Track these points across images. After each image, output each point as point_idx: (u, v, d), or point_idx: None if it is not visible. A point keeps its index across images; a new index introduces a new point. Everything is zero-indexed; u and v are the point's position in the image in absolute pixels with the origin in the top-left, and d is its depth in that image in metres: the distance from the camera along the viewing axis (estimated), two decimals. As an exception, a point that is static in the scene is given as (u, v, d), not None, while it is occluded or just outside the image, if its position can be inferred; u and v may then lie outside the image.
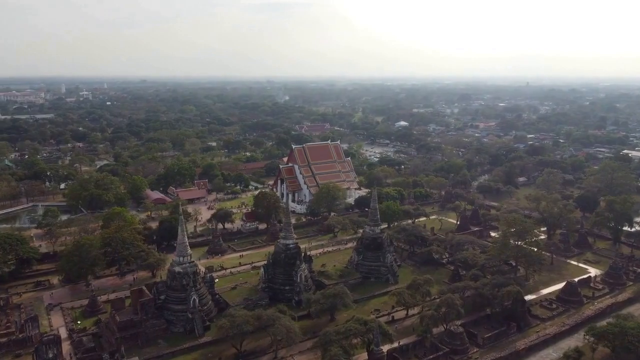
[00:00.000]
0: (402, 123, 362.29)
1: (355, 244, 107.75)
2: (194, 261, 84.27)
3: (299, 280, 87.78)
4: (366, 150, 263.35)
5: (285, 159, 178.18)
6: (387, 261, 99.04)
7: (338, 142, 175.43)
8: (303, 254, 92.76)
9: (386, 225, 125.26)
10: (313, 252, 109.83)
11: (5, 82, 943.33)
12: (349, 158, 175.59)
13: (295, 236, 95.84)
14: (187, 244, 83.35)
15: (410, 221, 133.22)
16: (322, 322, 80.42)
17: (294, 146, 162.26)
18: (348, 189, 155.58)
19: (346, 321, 74.48)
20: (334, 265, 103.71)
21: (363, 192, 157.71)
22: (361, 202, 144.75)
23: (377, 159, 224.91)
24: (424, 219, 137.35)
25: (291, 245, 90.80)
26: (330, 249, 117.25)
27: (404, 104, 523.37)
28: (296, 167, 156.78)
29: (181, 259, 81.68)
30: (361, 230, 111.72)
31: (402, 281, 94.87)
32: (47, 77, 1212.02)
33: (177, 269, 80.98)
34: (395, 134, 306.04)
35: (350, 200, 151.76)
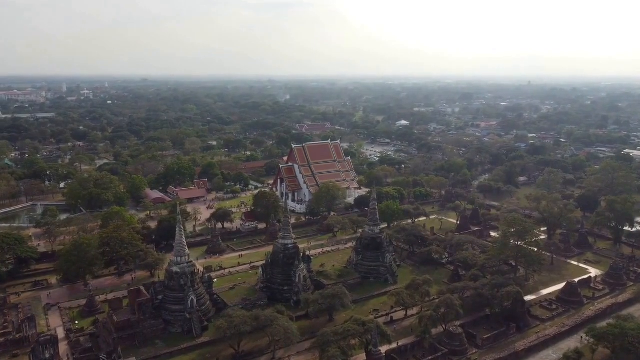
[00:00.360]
0: (403, 122, 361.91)
1: (354, 243, 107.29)
2: (191, 261, 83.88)
3: (297, 280, 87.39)
4: (367, 150, 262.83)
5: (285, 159, 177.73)
6: (386, 261, 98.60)
7: (338, 141, 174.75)
8: (302, 254, 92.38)
9: (386, 225, 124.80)
10: (312, 252, 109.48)
11: (6, 80, 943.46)
12: (349, 157, 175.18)
13: (294, 236, 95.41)
14: (185, 244, 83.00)
15: (410, 221, 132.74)
16: (320, 323, 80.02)
17: (293, 145, 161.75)
18: (348, 188, 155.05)
19: (344, 322, 74.12)
20: (333, 265, 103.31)
21: (363, 191, 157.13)
22: (361, 202, 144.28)
23: (378, 159, 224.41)
24: (424, 218, 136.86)
25: (290, 245, 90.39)
26: (329, 248, 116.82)
27: (405, 103, 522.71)
28: (296, 166, 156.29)
29: (179, 259, 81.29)
30: (361, 230, 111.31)
31: (402, 281, 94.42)
32: (48, 76, 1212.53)
33: (175, 269, 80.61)
34: (395, 133, 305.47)
35: (350, 199, 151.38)
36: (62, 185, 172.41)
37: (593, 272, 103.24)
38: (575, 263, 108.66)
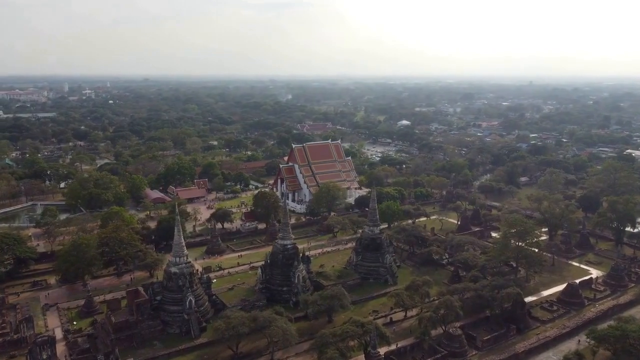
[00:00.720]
0: (404, 122, 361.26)
1: (354, 244, 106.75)
2: (190, 262, 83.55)
3: (296, 281, 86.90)
4: (368, 150, 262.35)
5: (285, 158, 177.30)
6: (386, 262, 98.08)
7: (339, 141, 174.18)
8: (301, 255, 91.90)
9: (386, 226, 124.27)
10: (312, 253, 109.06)
11: (9, 80, 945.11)
12: (350, 157, 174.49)
13: (293, 236, 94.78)
14: (184, 244, 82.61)
15: (410, 221, 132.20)
16: (319, 324, 79.46)
17: (294, 145, 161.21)
18: (348, 188, 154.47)
19: (343, 323, 73.71)
20: (333, 266, 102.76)
21: (364, 191, 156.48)
22: (361, 202, 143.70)
23: (379, 159, 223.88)
24: (424, 219, 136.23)
25: (289, 246, 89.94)
26: (329, 249, 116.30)
27: (407, 103, 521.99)
28: (296, 166, 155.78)
29: (177, 259, 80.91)
30: (361, 231, 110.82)
31: (402, 282, 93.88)
32: (50, 76, 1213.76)
33: (173, 269, 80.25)
34: (397, 133, 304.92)
35: (351, 200, 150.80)
36: (62, 185, 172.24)
37: (594, 273, 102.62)
38: (577, 264, 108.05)
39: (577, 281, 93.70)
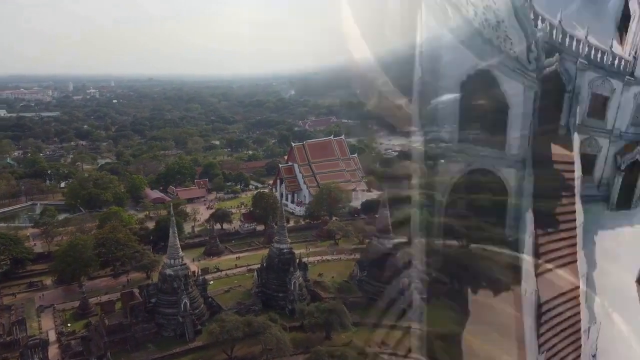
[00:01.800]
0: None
1: (359, 255, 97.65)
2: (185, 263, 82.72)
3: (292, 287, 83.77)
4: (382, 144, 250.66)
5: (286, 158, 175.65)
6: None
7: (342, 137, 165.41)
8: (298, 261, 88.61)
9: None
10: (311, 259, 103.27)
11: (15, 80, 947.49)
12: (356, 155, 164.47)
13: (290, 240, 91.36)
14: (179, 246, 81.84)
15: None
16: (316, 338, 74.80)
17: (293, 144, 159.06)
18: (354, 190, 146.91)
19: (343, 344, 70.25)
20: (333, 277, 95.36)
21: (374, 194, 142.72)
22: (370, 207, 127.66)
23: (396, 154, 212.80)
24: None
25: (285, 250, 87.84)
26: (329, 257, 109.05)
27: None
28: (296, 166, 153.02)
29: (172, 261, 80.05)
30: (367, 241, 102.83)
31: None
32: (55, 75, 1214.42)
33: (168, 271, 79.39)
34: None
35: (357, 203, 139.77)
36: (62, 184, 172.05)
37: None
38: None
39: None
